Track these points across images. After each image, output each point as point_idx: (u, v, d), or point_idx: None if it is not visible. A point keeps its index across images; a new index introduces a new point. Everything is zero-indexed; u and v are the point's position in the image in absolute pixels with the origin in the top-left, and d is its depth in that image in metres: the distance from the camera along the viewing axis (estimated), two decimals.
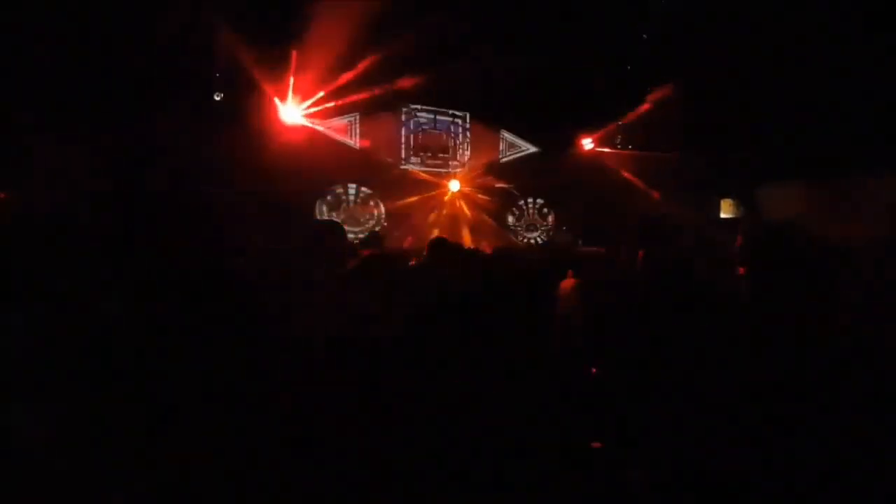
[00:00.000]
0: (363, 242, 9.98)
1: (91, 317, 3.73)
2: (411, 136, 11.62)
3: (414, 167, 11.55)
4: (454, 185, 11.62)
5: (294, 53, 8.92)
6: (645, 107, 11.13)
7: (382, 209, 11.15)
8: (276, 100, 9.46)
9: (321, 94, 9.73)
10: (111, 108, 6.44)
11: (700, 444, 2.80)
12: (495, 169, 12.01)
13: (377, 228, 10.78)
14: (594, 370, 3.36)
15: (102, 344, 3.51)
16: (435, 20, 8.89)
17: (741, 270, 3.61)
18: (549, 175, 11.75)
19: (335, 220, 10.46)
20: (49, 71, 5.93)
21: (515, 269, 3.91)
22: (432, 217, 11.43)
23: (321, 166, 10.13)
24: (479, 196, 11.82)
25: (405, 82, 9.95)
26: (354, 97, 9.95)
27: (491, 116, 11.73)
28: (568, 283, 4.15)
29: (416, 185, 11.41)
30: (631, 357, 2.97)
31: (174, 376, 3.41)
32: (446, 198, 11.65)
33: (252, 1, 7.85)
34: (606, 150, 12.25)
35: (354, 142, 10.84)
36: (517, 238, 12.17)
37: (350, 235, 9.63)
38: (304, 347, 3.04)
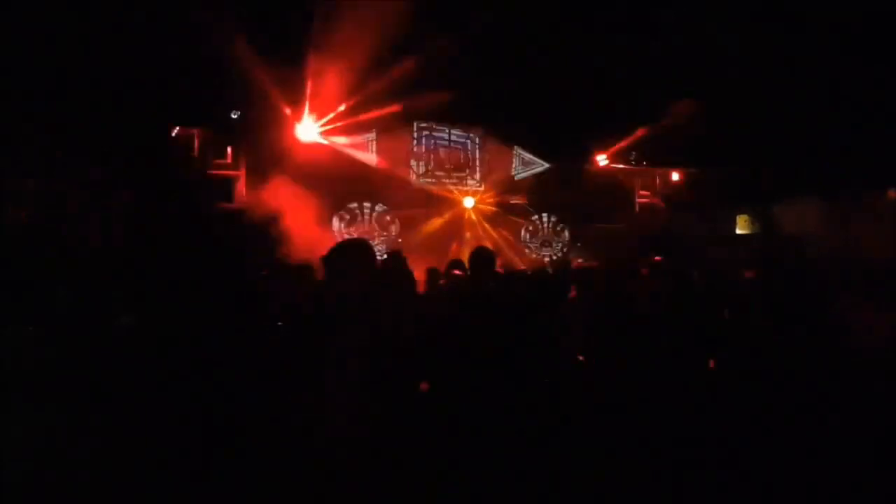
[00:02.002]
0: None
1: (103, 330, 3.82)
2: (426, 152, 11.71)
3: (429, 184, 11.63)
4: (469, 202, 11.68)
5: (310, 71, 9.08)
6: (659, 122, 11.12)
7: (398, 226, 11.23)
8: (293, 117, 9.62)
9: (337, 111, 9.87)
10: (128, 125, 6.59)
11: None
12: (510, 185, 12.05)
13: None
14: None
15: (114, 356, 3.59)
16: (450, 38, 9.00)
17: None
18: (563, 191, 11.77)
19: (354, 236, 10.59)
20: (65, 88, 6.09)
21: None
22: (447, 234, 11.48)
23: (337, 183, 10.26)
24: (494, 212, 11.86)
25: (420, 99, 10.05)
26: (370, 114, 10.07)
27: (505, 133, 11.79)
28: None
29: (431, 201, 11.48)
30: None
31: (197, 386, 3.47)
32: (461, 214, 11.71)
33: (269, 18, 8.01)
34: (621, 165, 12.25)
35: (370, 159, 10.95)
36: (531, 254, 12.16)
37: None
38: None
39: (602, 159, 12.13)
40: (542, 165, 12.26)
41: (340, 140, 10.48)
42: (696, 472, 3.42)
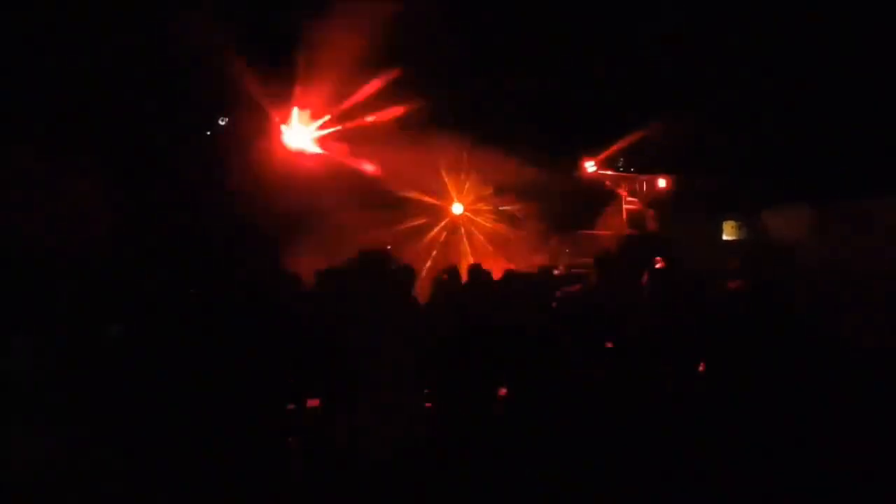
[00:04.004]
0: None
1: (96, 340, 3.77)
2: (416, 158, 11.67)
3: (418, 190, 11.59)
4: (457, 209, 11.67)
5: (299, 79, 9.05)
6: (648, 129, 11.19)
7: (387, 231, 11.18)
8: (281, 124, 9.58)
9: (326, 118, 9.84)
10: (116, 132, 6.53)
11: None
12: (499, 192, 12.05)
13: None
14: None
15: (106, 366, 3.55)
16: (439, 45, 9.01)
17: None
18: (552, 197, 11.78)
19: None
20: (54, 96, 6.04)
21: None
22: (435, 240, 11.46)
23: (324, 189, 10.20)
24: (483, 219, 11.85)
25: (409, 106, 10.04)
26: (360, 121, 10.04)
27: (495, 139, 11.80)
28: None
29: (420, 208, 11.45)
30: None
31: (181, 400, 3.44)
32: (450, 221, 11.70)
33: (258, 26, 7.98)
34: (609, 172, 12.30)
35: (359, 165, 10.91)
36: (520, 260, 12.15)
37: None
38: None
39: (590, 166, 12.17)
40: (531, 172, 12.26)
41: (329, 146, 10.43)
42: (690, 475, 3.44)
